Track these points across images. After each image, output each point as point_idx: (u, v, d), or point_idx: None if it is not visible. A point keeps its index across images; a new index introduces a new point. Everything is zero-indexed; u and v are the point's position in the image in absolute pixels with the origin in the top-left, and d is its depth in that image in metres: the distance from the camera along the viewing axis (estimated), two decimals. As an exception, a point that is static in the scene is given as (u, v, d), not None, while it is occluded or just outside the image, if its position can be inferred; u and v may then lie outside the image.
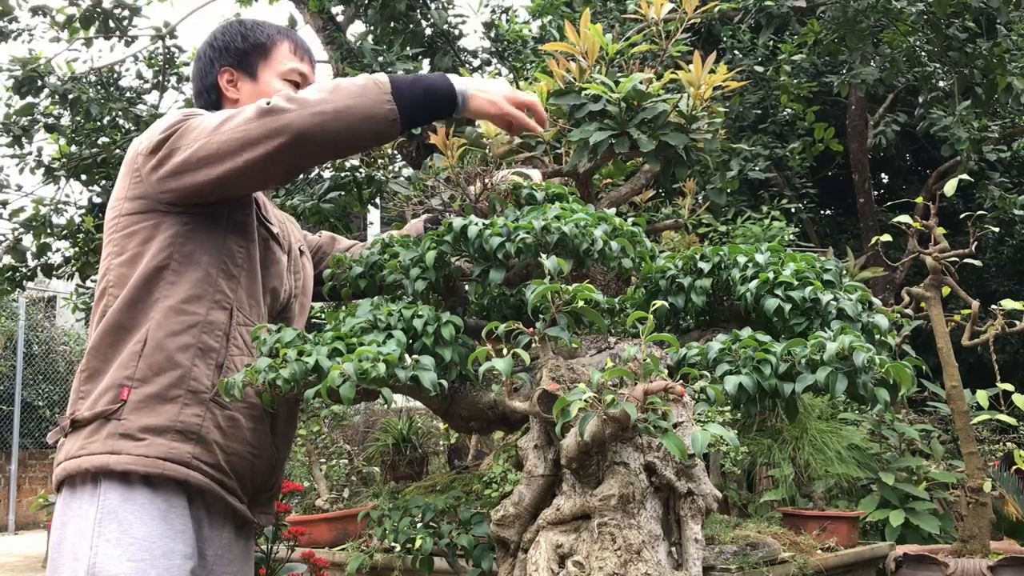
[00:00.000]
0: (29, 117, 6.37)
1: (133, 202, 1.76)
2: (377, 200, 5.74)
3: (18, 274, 6.68)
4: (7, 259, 6.65)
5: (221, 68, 1.95)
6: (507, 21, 6.63)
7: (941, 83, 7.00)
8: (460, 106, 1.75)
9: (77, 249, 6.71)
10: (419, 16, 5.54)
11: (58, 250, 6.71)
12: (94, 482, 1.63)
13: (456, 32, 5.93)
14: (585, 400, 1.36)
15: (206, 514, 1.71)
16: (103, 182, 6.62)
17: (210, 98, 1.97)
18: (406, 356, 1.51)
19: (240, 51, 1.95)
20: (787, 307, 1.64)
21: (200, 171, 1.66)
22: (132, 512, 1.60)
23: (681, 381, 1.42)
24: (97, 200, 6.81)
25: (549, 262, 1.52)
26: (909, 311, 4.42)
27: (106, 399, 1.65)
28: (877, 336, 1.66)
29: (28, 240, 6.61)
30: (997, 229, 5.61)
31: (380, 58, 5.33)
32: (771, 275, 1.68)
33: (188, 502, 1.67)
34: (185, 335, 1.69)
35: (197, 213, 1.75)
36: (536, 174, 1.93)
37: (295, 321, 1.94)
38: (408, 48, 5.52)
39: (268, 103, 1.64)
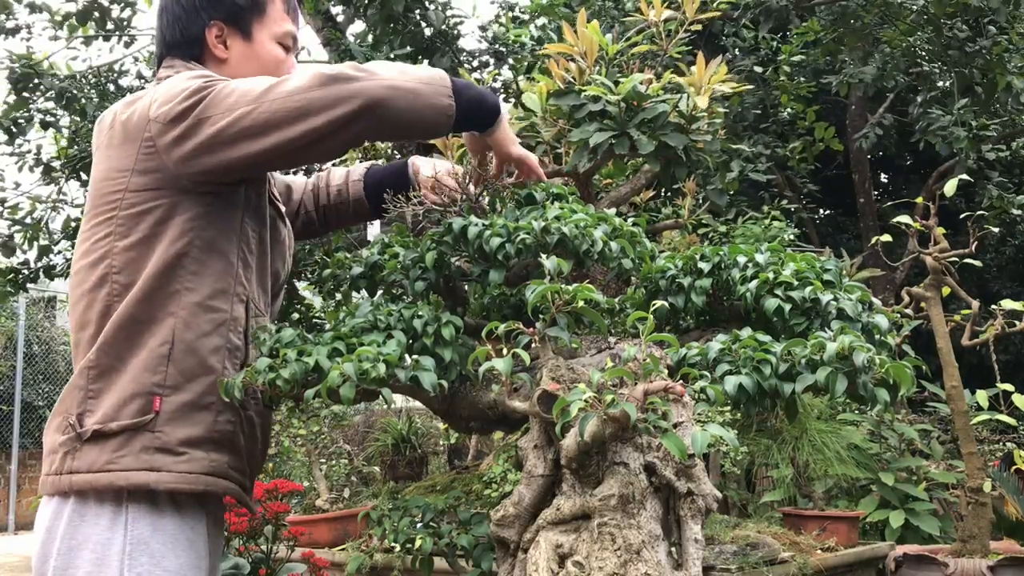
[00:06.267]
0: (25, 113, 6.32)
1: (144, 176, 1.58)
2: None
3: (20, 276, 6.62)
4: (8, 262, 6.59)
5: (210, 21, 1.74)
6: (502, 26, 6.65)
7: (940, 83, 7.00)
8: (496, 125, 1.70)
9: (79, 250, 6.64)
10: (418, 17, 5.53)
11: (59, 252, 6.64)
12: (116, 502, 1.54)
13: (455, 32, 5.93)
14: (585, 400, 1.36)
15: (213, 527, 1.68)
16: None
17: (190, 52, 1.75)
18: (406, 356, 1.52)
19: (234, 5, 1.75)
20: (787, 307, 1.64)
21: (240, 144, 1.51)
22: (164, 543, 1.54)
23: (681, 381, 1.42)
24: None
25: (549, 262, 1.52)
26: (909, 311, 4.42)
27: (133, 408, 1.54)
28: (877, 336, 1.66)
29: (20, 237, 6.52)
30: (997, 229, 5.61)
31: (373, 57, 5.33)
32: (771, 275, 1.68)
33: (204, 518, 1.63)
34: (215, 336, 1.59)
35: (217, 192, 1.61)
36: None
37: (279, 297, 1.86)
38: (407, 47, 5.51)
39: (330, 71, 1.51)
